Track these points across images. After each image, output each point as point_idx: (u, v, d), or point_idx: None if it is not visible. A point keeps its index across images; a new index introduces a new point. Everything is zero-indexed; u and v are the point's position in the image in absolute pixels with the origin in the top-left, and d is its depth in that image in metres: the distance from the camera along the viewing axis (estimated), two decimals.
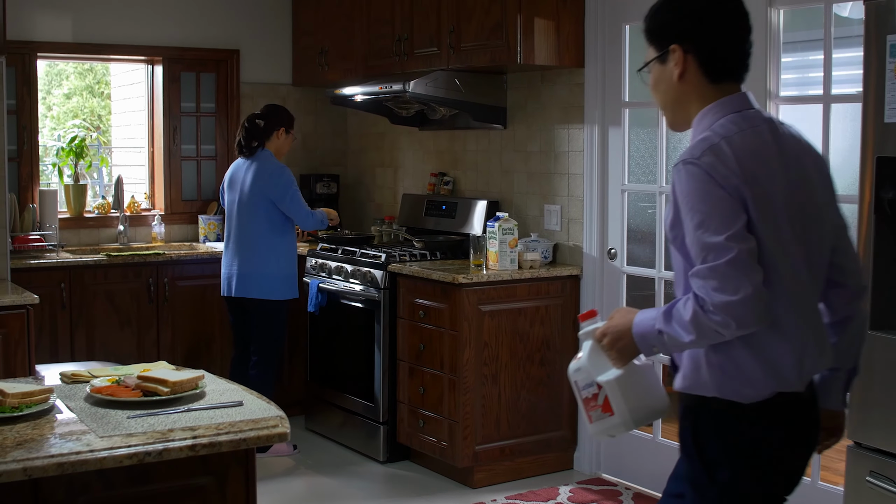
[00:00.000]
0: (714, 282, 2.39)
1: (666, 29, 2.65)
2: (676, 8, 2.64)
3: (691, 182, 2.46)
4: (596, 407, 2.69)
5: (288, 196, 5.95)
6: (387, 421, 5.96)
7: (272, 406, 2.83)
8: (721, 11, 2.61)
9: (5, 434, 2.54)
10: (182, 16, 7.17)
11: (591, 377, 2.68)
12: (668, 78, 2.65)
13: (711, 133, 2.53)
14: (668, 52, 2.63)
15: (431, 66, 6.03)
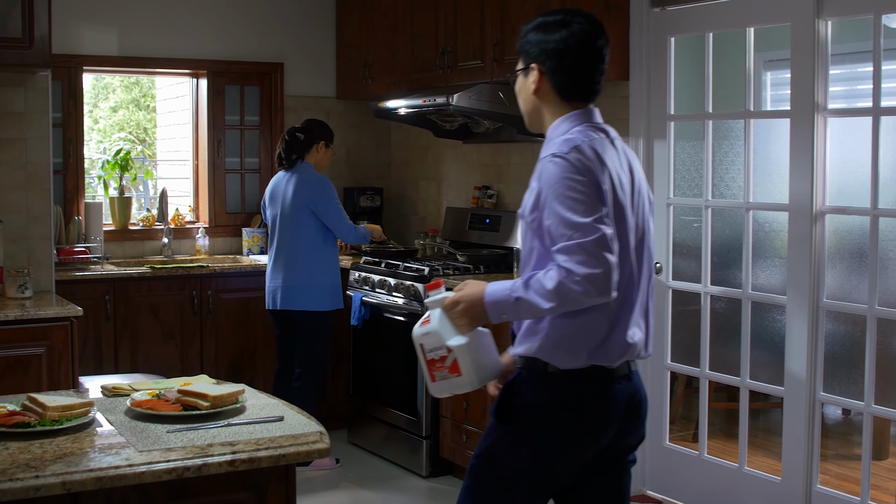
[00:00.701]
0: (580, 256, 2.72)
1: (530, 49, 3.03)
2: (541, 34, 3.01)
3: (561, 172, 2.82)
4: (443, 368, 2.98)
5: (331, 208, 5.96)
6: (430, 435, 5.92)
7: (312, 421, 2.80)
8: (576, 49, 2.99)
9: (45, 447, 2.53)
10: (227, 29, 7.19)
11: (440, 341, 2.95)
12: (527, 89, 3.07)
13: (573, 136, 2.92)
14: (528, 69, 3.04)
15: (475, 79, 6.00)
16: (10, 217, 5.29)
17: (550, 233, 2.82)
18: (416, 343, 3.01)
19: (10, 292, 5.07)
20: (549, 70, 3.00)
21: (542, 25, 3.03)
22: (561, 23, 3.01)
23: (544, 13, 3.09)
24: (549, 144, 2.98)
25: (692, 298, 5.47)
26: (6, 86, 5.27)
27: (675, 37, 5.45)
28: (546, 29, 3.01)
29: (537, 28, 3.04)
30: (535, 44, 3.02)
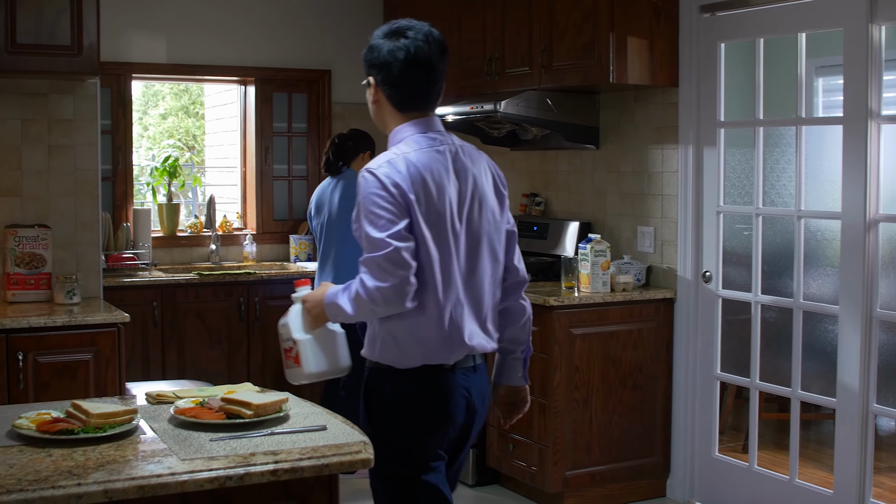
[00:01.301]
0: (372, 270, 2.97)
1: (367, 63, 3.21)
2: (374, 50, 3.18)
3: (368, 187, 3.03)
4: (290, 358, 3.32)
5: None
6: (476, 444, 5.88)
7: (356, 431, 2.77)
8: (403, 61, 3.12)
9: (88, 455, 2.52)
10: (275, 36, 7.21)
11: (289, 333, 3.27)
12: (369, 100, 3.24)
13: (396, 149, 3.11)
14: (367, 81, 3.23)
15: (523, 86, 5.96)
16: (59, 223, 5.32)
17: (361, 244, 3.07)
18: (279, 331, 3.34)
19: (59, 298, 5.10)
20: (380, 82, 3.18)
21: (376, 39, 3.19)
22: (394, 34, 3.16)
23: (386, 25, 3.22)
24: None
25: (742, 307, 5.41)
26: (55, 93, 5.30)
27: (725, 42, 5.39)
28: (377, 43, 3.18)
29: (371, 43, 3.20)
30: (367, 57, 3.21)
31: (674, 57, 5.55)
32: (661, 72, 5.54)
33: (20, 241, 5.12)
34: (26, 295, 5.15)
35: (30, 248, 5.14)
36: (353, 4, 7.45)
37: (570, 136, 6.15)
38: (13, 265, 5.12)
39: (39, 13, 4.92)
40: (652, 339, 5.61)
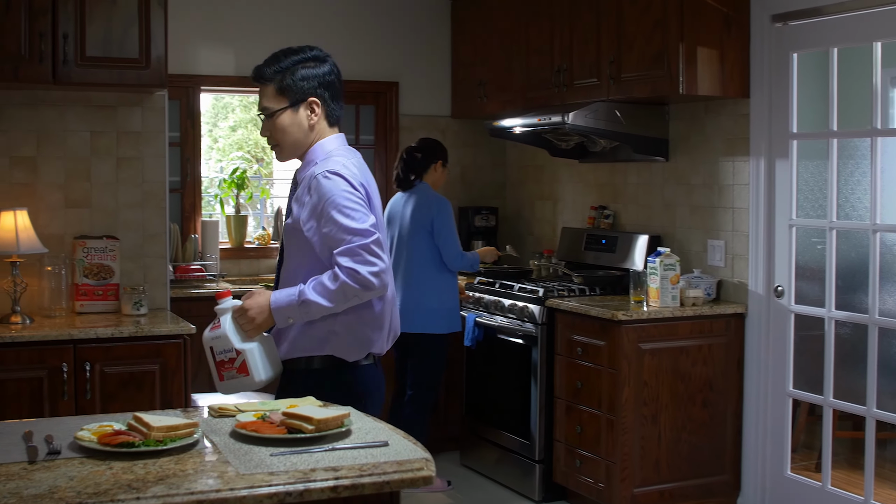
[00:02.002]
0: (363, 256, 3.18)
1: (305, 84, 3.38)
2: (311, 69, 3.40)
3: (338, 186, 3.24)
4: (231, 369, 3.27)
5: (444, 230, 5.90)
6: (543, 459, 5.82)
7: (418, 447, 2.73)
8: (338, 79, 3.50)
9: (148, 468, 2.50)
10: (342, 49, 7.20)
11: (229, 344, 3.25)
12: (300, 123, 3.40)
13: (339, 156, 3.37)
14: (301, 103, 3.38)
15: (591, 98, 5.90)
16: (127, 235, 5.36)
17: (329, 238, 3.23)
18: (205, 346, 3.30)
19: (126, 309, 5.13)
20: (324, 100, 3.43)
21: (304, 62, 3.40)
22: (320, 58, 3.44)
23: (292, 51, 3.44)
24: (313, 164, 3.37)
25: (815, 323, 5.30)
26: (124, 105, 5.35)
27: (798, 52, 5.30)
28: (312, 64, 3.40)
29: (301, 65, 3.39)
30: (310, 78, 3.39)
31: (745, 67, 5.46)
32: (732, 82, 5.45)
33: (89, 252, 5.16)
34: (94, 306, 5.19)
35: (98, 259, 5.18)
36: (421, 17, 7.44)
37: (639, 149, 6.07)
38: (82, 276, 5.16)
39: (108, 26, 4.97)
40: (722, 355, 5.51)
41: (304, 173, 3.39)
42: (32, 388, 4.65)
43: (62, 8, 4.87)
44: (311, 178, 3.31)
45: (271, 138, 3.46)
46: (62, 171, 5.27)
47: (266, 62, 3.43)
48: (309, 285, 3.23)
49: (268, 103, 3.40)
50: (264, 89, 3.41)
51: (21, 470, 2.48)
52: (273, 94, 3.39)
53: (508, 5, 6.77)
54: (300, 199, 3.36)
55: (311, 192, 3.31)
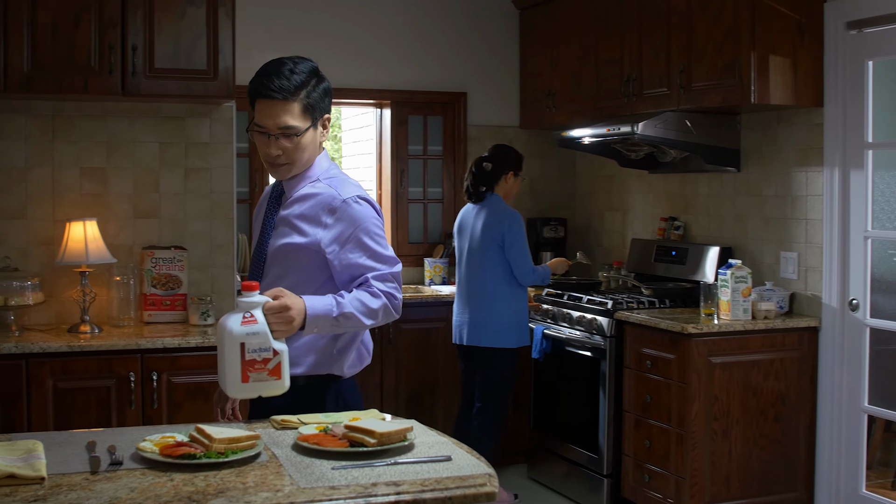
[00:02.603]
0: (395, 283, 3.22)
1: (323, 103, 3.26)
2: (323, 85, 3.26)
3: (369, 213, 3.23)
4: (263, 370, 2.95)
5: (515, 245, 5.83)
6: (611, 474, 5.75)
7: (481, 462, 2.68)
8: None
9: (209, 480, 2.49)
10: (410, 59, 7.21)
11: (267, 343, 2.94)
12: (315, 139, 3.27)
13: (343, 175, 3.34)
14: (318, 121, 3.25)
15: (661, 107, 5.83)
16: (195, 245, 5.39)
17: (355, 265, 3.20)
18: (233, 341, 2.92)
19: (193, 319, 5.15)
20: (328, 117, 3.33)
21: (318, 77, 3.25)
22: (318, 71, 3.29)
23: (301, 64, 3.25)
24: (314, 181, 3.28)
25: (891, 337, 5.18)
26: (192, 116, 5.38)
27: (873, 60, 5.18)
28: (322, 79, 3.28)
29: (317, 81, 3.24)
30: (326, 94, 3.28)
31: (818, 75, 5.36)
32: (806, 91, 5.34)
33: (157, 262, 5.20)
34: (162, 316, 5.22)
35: (166, 269, 5.20)
36: (489, 27, 7.41)
37: (709, 159, 5.98)
38: (150, 286, 5.20)
39: (177, 38, 5.00)
40: (795, 370, 5.40)
41: (308, 190, 3.27)
42: (100, 398, 4.69)
43: (131, 20, 4.92)
44: (334, 201, 3.21)
45: (284, 156, 3.23)
46: (131, 181, 5.32)
47: (284, 77, 3.20)
48: (346, 299, 3.12)
49: (293, 122, 3.19)
50: (286, 107, 3.18)
51: (83, 480, 2.48)
52: (299, 112, 3.19)
53: (578, 15, 6.72)
54: (315, 219, 3.23)
55: (335, 216, 3.21)
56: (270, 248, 3.32)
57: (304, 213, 3.25)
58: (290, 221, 3.28)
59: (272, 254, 3.32)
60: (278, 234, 3.30)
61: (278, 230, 3.31)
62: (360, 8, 7.07)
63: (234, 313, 2.95)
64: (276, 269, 3.31)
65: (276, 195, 3.37)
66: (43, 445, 2.70)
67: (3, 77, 4.78)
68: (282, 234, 3.29)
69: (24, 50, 4.80)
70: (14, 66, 4.79)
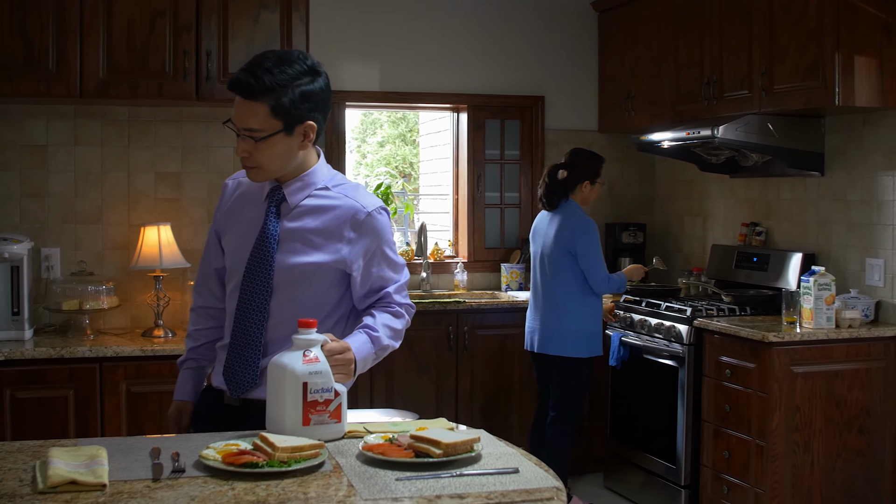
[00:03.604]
0: (406, 291, 3.17)
1: (304, 108, 2.92)
2: (307, 87, 2.92)
3: (388, 223, 3.12)
4: (324, 412, 2.85)
5: (589, 254, 5.72)
6: (689, 485, 5.63)
7: (550, 475, 2.61)
8: (330, 98, 3.06)
9: (270, 490, 2.45)
10: (487, 63, 7.15)
11: (330, 383, 2.83)
12: (290, 147, 2.95)
13: (347, 181, 3.15)
14: (296, 126, 2.93)
15: (742, 110, 5.70)
16: None
17: (379, 277, 3.10)
18: (296, 380, 2.79)
19: None
20: (318, 121, 3.00)
21: (301, 77, 2.92)
22: (316, 70, 2.98)
23: (285, 60, 2.92)
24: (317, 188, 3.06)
25: None
26: None
27: None
28: (309, 79, 2.94)
29: (299, 81, 2.92)
30: (309, 98, 2.93)
31: None
32: (893, 92, 5.19)
33: None
34: None
35: None
36: (567, 30, 7.32)
37: (792, 163, 5.84)
38: None
39: (250, 43, 5.01)
40: (881, 380, 5.24)
41: (320, 201, 3.05)
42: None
43: (205, 25, 4.94)
44: (358, 214, 3.03)
45: (251, 159, 2.95)
46: (205, 186, 5.33)
47: (254, 73, 2.89)
48: (379, 332, 3.03)
49: (257, 124, 2.89)
50: (253, 107, 2.88)
51: (144, 488, 2.45)
52: (266, 114, 2.88)
53: (657, 17, 6.61)
54: (337, 234, 3.03)
55: (360, 230, 3.04)
56: (279, 264, 3.03)
57: (323, 227, 3.04)
58: (304, 237, 3.04)
59: (283, 271, 3.03)
60: (289, 249, 3.03)
61: (288, 245, 3.04)
62: (436, 11, 7.03)
63: (289, 351, 2.83)
64: (290, 290, 3.05)
65: (276, 201, 3.06)
66: (107, 451, 2.67)
67: (80, 83, 4.83)
68: (295, 251, 3.04)
69: (100, 56, 4.85)
70: (90, 71, 4.84)
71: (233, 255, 3.14)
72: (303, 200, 3.04)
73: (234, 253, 3.13)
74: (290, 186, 3.04)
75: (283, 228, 3.04)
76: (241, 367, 3.07)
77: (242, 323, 3.07)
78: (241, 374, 3.07)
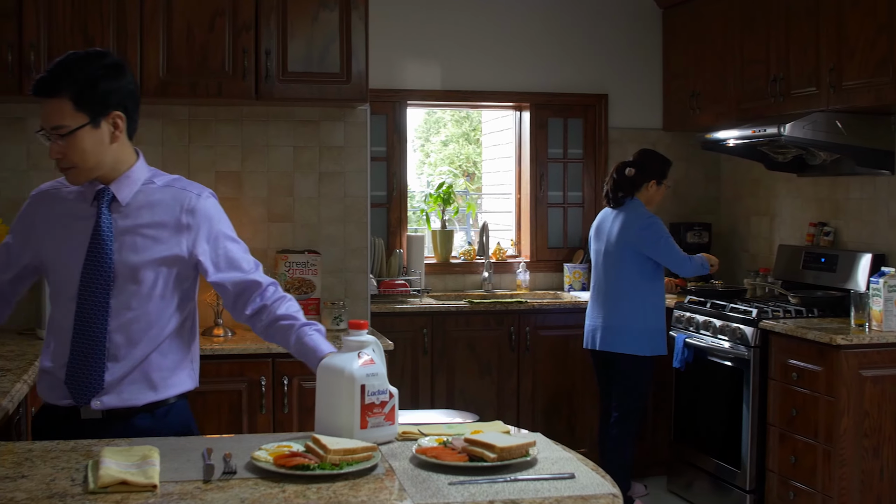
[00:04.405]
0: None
1: (109, 98, 2.94)
2: (114, 81, 2.95)
3: (218, 206, 3.18)
4: (380, 414, 2.81)
5: (660, 245, 5.66)
6: (754, 489, 5.53)
7: (606, 482, 2.55)
8: (137, 91, 3.07)
9: (321, 493, 2.41)
10: (550, 61, 7.09)
11: (385, 385, 2.80)
12: (101, 140, 2.95)
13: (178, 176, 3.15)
14: (103, 118, 2.94)
15: (809, 108, 5.59)
16: (328, 249, 5.36)
17: (228, 258, 3.12)
18: (354, 382, 2.77)
19: (326, 324, 5.12)
20: (129, 113, 3.01)
21: (103, 71, 2.94)
22: (119, 66, 3.01)
23: (85, 58, 2.95)
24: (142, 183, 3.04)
25: None
26: (326, 120, 5.37)
27: None
28: (113, 74, 2.96)
29: (101, 76, 2.93)
30: (113, 91, 2.95)
31: None
32: None
33: (290, 266, 5.18)
34: None
35: (300, 273, 5.19)
36: (631, 27, 7.24)
37: (862, 161, 5.71)
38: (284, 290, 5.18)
39: (310, 42, 5.00)
40: None
41: (144, 196, 3.02)
42: (232, 401, 4.70)
43: (265, 24, 4.93)
44: (190, 199, 3.05)
45: (65, 159, 2.93)
46: (265, 185, 5.33)
47: (53, 72, 2.91)
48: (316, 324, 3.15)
49: (62, 120, 2.89)
50: (56, 104, 2.89)
51: (195, 489, 2.43)
52: (70, 109, 2.89)
53: (722, 13, 6.51)
54: (171, 224, 3.02)
55: (193, 215, 3.04)
56: (119, 262, 2.98)
57: (158, 220, 3.02)
58: (141, 232, 3.01)
59: (124, 269, 2.99)
60: (128, 247, 3.00)
61: (127, 243, 3.00)
62: (498, 8, 6.98)
63: (342, 353, 2.84)
64: (132, 288, 3.00)
65: (106, 200, 3.01)
66: (159, 451, 2.66)
67: (140, 82, 4.83)
68: (134, 248, 3.00)
69: (160, 55, 4.85)
70: (150, 71, 4.85)
71: (62, 266, 3.06)
72: (132, 196, 3.03)
73: (64, 263, 3.04)
74: (116, 184, 3.02)
75: (117, 227, 3.01)
76: (86, 373, 2.99)
77: (83, 328, 3.00)
78: (87, 380, 2.98)
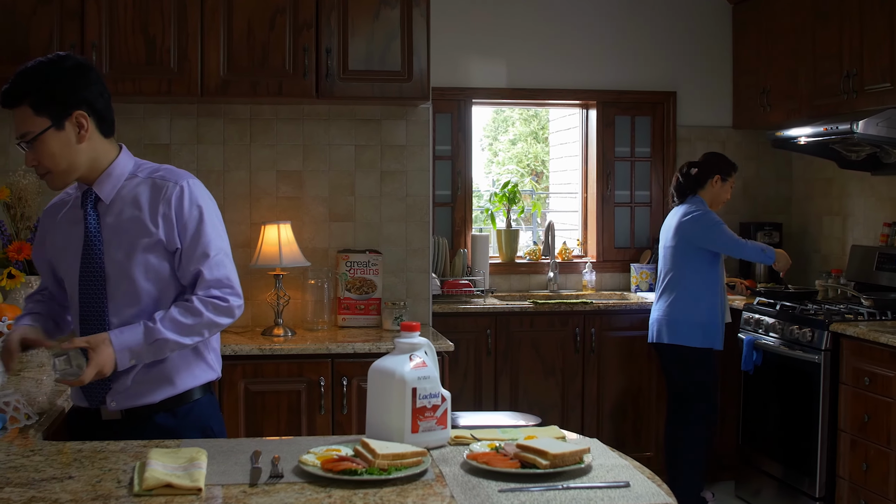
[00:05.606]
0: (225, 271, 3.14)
1: (69, 98, 2.95)
2: (75, 81, 2.97)
3: (200, 191, 3.08)
4: (432, 418, 2.74)
5: (713, 232, 5.64)
6: (824, 496, 5.39)
7: (662, 491, 2.47)
8: (104, 90, 3.05)
9: (368, 498, 2.36)
10: (617, 59, 6.99)
11: (437, 388, 2.74)
12: (68, 141, 2.97)
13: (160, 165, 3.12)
14: (65, 119, 2.95)
15: (883, 104, 5.44)
16: (390, 249, 5.33)
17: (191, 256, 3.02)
18: (405, 386, 2.71)
19: (387, 324, 5.09)
20: (93, 110, 2.99)
21: (58, 74, 2.95)
22: (82, 65, 3.01)
23: (43, 64, 2.97)
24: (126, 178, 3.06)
25: None
26: (388, 119, 5.33)
27: None
28: (72, 75, 2.97)
29: (56, 78, 2.95)
30: (72, 92, 2.96)
31: None
32: None
33: (352, 266, 5.16)
34: (356, 320, 5.18)
35: (360, 273, 5.16)
36: (700, 23, 7.11)
37: None
38: (344, 290, 5.16)
39: (370, 40, 4.96)
40: None
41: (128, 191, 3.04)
42: (291, 401, 4.69)
43: (325, 23, 4.91)
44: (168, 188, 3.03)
45: (40, 166, 2.99)
46: (326, 184, 5.30)
47: (14, 82, 2.95)
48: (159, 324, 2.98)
49: (27, 127, 2.94)
50: (19, 113, 2.95)
51: (240, 493, 2.40)
52: (31, 115, 2.94)
53: (794, 8, 6.36)
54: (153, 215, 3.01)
55: (168, 204, 3.01)
56: (110, 260, 3.02)
57: (142, 213, 3.02)
58: (127, 228, 3.03)
59: (116, 267, 3.02)
60: (117, 244, 3.03)
61: (115, 240, 3.03)
62: (562, 5, 6.90)
63: (393, 356, 2.79)
64: (126, 285, 3.03)
65: (91, 200, 3.06)
66: (208, 454, 2.63)
67: (201, 82, 4.85)
68: (122, 245, 3.03)
69: (221, 54, 4.85)
70: (211, 70, 4.85)
71: (65, 272, 3.12)
72: (116, 193, 3.05)
73: (66, 269, 3.11)
74: (97, 183, 3.05)
75: (105, 225, 3.04)
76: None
77: (85, 330, 3.04)
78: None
